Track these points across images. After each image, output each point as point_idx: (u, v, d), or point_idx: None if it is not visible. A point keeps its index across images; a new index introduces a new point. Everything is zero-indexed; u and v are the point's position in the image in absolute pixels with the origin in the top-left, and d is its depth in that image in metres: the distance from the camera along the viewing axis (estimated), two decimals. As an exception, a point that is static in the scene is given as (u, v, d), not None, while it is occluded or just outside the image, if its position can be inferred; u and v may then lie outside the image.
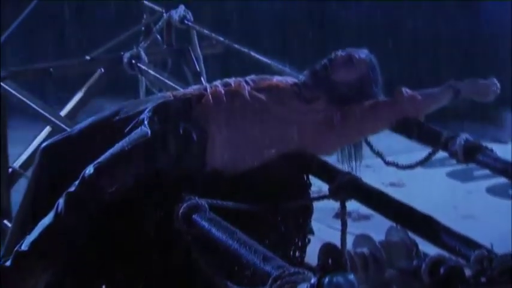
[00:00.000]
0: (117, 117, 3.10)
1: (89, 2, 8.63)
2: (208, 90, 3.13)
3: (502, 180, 3.21)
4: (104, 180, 2.89)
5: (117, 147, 2.96)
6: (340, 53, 3.25)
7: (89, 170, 2.90)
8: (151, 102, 3.11)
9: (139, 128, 3.01)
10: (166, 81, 4.21)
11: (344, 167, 3.20)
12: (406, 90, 3.25)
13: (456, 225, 2.76)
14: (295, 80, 3.25)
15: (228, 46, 4.73)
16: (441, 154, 3.24)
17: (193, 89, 3.24)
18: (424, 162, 3.24)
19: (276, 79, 3.23)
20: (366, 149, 3.31)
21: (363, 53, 3.27)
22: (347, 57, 3.24)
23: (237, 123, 3.06)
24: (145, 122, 3.02)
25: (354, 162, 3.24)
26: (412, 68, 7.70)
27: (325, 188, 3.04)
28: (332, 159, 3.23)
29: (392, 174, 4.54)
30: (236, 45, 4.58)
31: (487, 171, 3.22)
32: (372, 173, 3.60)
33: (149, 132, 2.98)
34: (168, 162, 2.96)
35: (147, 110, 3.07)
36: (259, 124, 3.07)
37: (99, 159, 2.92)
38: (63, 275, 2.96)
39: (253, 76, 3.23)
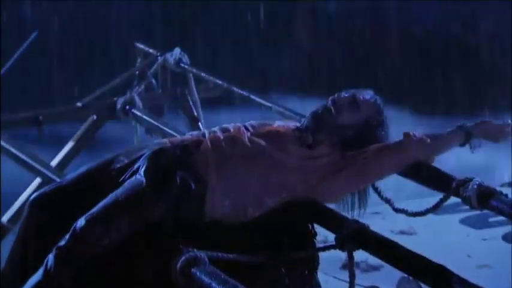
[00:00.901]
0: (111, 166, 3.09)
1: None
2: (206, 136, 3.13)
3: (518, 227, 3.20)
4: (96, 233, 2.88)
5: (111, 197, 2.95)
6: (343, 94, 3.24)
7: (81, 222, 2.88)
8: (147, 150, 3.11)
9: (134, 176, 3.00)
10: (163, 127, 4.22)
11: (347, 215, 3.18)
12: (414, 134, 3.24)
13: (471, 275, 2.73)
14: (297, 124, 3.24)
15: (226, 89, 4.75)
16: (453, 199, 3.23)
17: (191, 135, 3.24)
18: (435, 209, 3.23)
19: (277, 124, 3.22)
20: (374, 195, 3.30)
21: (367, 94, 3.25)
22: (351, 98, 3.22)
23: (237, 171, 3.05)
24: (141, 171, 3.01)
25: (357, 210, 3.21)
26: None
27: (331, 237, 3.02)
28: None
29: (403, 221, 4.52)
30: (235, 89, 4.60)
31: (502, 217, 3.20)
32: (381, 221, 3.59)
33: (144, 181, 2.97)
34: (165, 213, 2.95)
35: (143, 157, 3.06)
36: (260, 171, 3.06)
37: (92, 211, 2.91)
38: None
39: (252, 122, 3.23)
